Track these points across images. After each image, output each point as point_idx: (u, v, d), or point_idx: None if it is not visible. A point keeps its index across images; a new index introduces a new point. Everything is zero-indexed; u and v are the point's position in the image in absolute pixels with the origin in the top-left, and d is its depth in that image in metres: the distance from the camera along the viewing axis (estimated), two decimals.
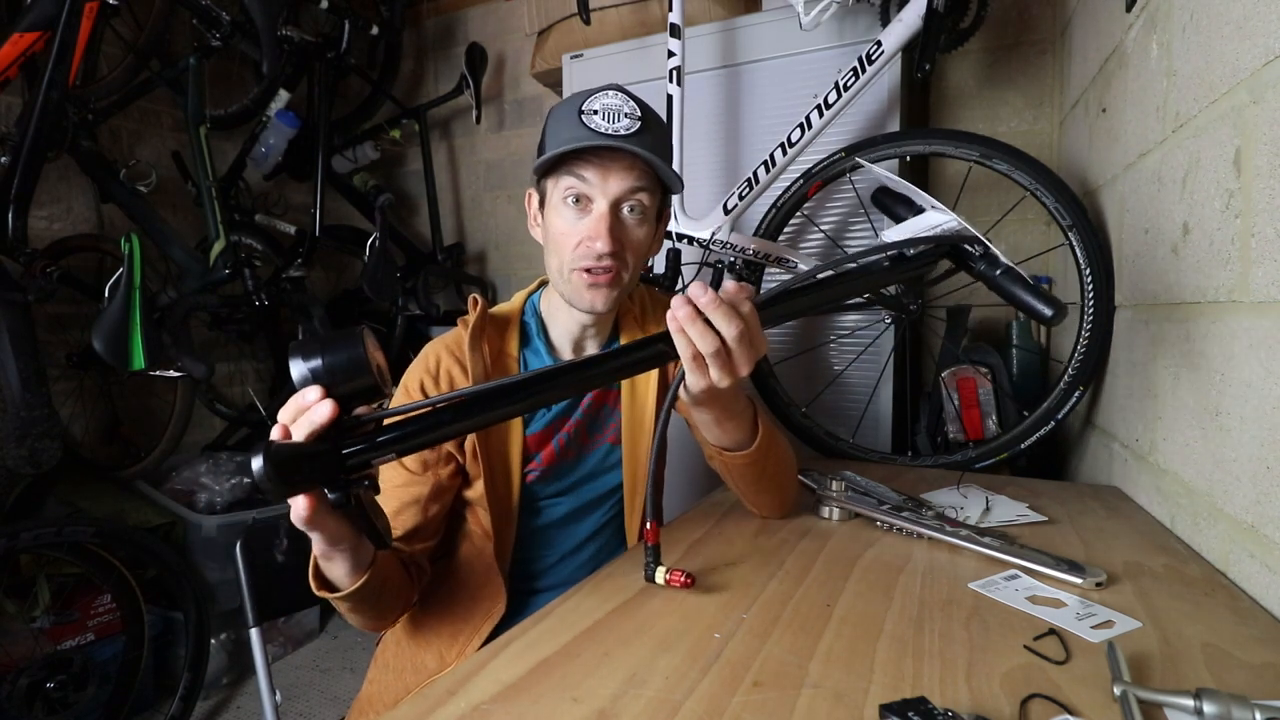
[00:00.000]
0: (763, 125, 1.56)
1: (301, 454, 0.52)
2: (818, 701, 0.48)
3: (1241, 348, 0.69)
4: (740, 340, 0.63)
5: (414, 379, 0.86)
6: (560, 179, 0.80)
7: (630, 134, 0.77)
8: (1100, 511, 0.92)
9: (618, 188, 0.79)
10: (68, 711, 1.53)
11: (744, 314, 0.63)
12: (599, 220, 0.79)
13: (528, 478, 0.89)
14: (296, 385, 0.54)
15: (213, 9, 1.72)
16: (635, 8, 1.72)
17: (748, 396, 0.79)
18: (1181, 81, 0.84)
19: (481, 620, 0.86)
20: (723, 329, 0.63)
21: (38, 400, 1.43)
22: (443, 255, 2.31)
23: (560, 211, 0.81)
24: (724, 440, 0.79)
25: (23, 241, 1.49)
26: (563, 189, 0.80)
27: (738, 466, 0.81)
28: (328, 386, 0.54)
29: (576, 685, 0.51)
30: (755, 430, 0.79)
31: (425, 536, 0.83)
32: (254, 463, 0.48)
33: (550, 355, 0.92)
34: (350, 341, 0.54)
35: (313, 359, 0.54)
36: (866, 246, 0.84)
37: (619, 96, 0.81)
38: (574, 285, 0.83)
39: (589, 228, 0.80)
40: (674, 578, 0.65)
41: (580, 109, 0.78)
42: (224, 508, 1.86)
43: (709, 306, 0.62)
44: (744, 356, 0.64)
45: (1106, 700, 0.47)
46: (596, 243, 0.79)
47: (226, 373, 2.35)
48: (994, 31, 1.60)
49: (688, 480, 1.48)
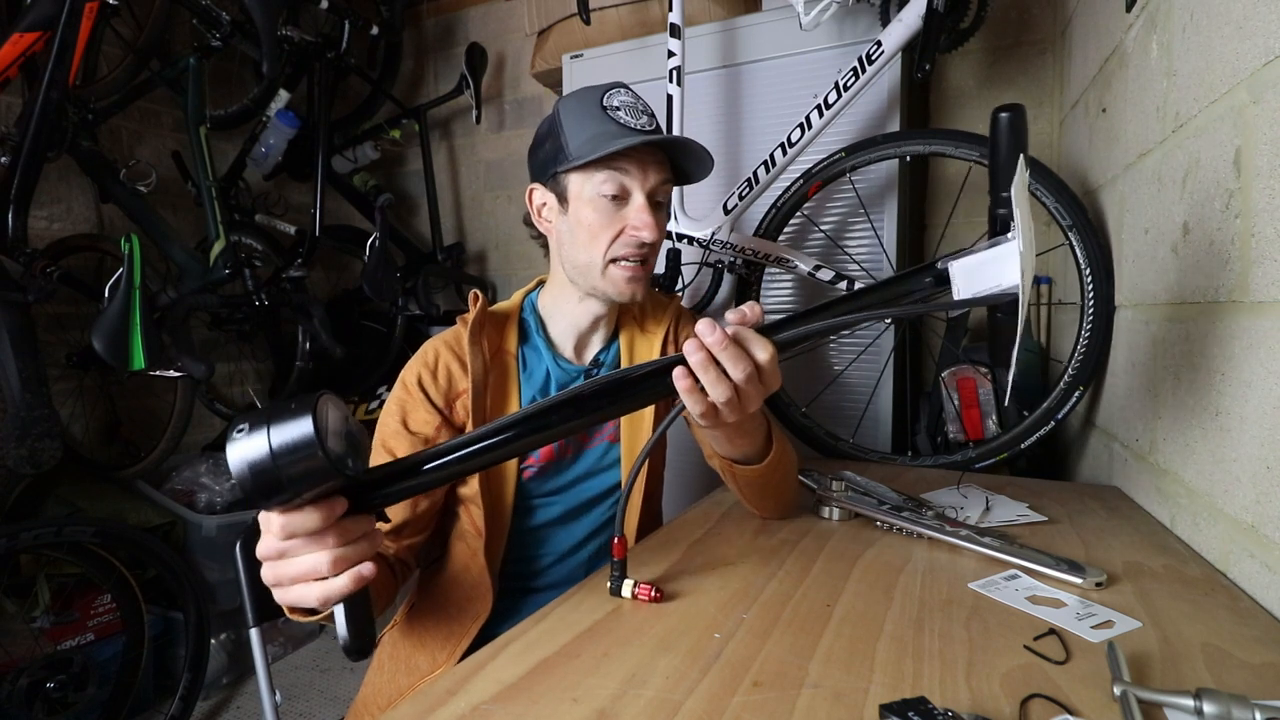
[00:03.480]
0: (763, 125, 1.56)
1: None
2: (818, 701, 0.48)
3: (1241, 348, 0.69)
4: (750, 381, 0.59)
5: (411, 374, 0.86)
6: (594, 174, 0.81)
7: (654, 130, 0.81)
8: (1100, 511, 0.92)
9: (655, 179, 0.82)
10: (68, 711, 1.53)
11: (757, 359, 0.59)
12: (642, 210, 0.81)
13: (524, 474, 0.89)
14: (237, 482, 0.44)
15: (213, 9, 1.71)
16: (635, 8, 1.72)
17: (761, 409, 0.76)
18: (1181, 81, 0.84)
19: (470, 621, 0.86)
20: (731, 371, 0.58)
21: (38, 400, 1.43)
22: (443, 255, 2.31)
23: (596, 205, 0.82)
24: (734, 454, 0.77)
25: (23, 241, 1.49)
26: (598, 183, 0.81)
27: (746, 477, 0.80)
28: (276, 480, 0.45)
29: (576, 685, 0.51)
30: (768, 444, 0.77)
31: (413, 531, 0.82)
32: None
33: (549, 351, 0.92)
34: (300, 413, 0.44)
35: (255, 446, 0.43)
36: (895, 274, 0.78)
37: (630, 94, 0.83)
38: (612, 277, 0.84)
39: (634, 218, 0.81)
40: (642, 591, 0.64)
41: (602, 105, 0.80)
42: (224, 508, 1.86)
43: (717, 346, 0.58)
44: (754, 396, 0.60)
45: (1106, 700, 0.47)
46: (644, 232, 0.81)
47: (226, 373, 2.35)
48: (994, 31, 1.60)
49: (688, 480, 1.48)
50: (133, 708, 1.64)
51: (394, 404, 0.85)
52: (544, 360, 0.92)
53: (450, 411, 0.86)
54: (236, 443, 0.44)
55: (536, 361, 0.92)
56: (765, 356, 0.59)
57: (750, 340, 0.59)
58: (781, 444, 0.79)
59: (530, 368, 0.92)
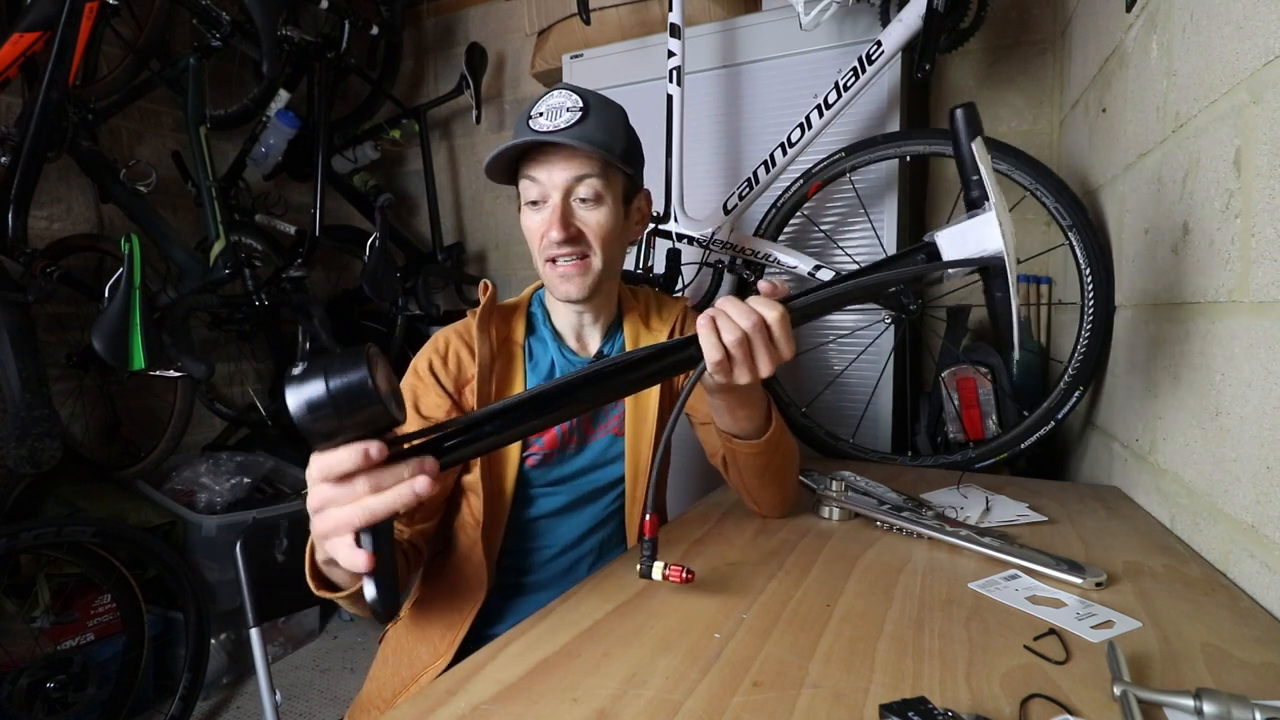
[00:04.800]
0: (763, 125, 1.56)
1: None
2: (818, 701, 0.48)
3: (1241, 348, 0.69)
4: (758, 330, 0.64)
5: (423, 360, 0.90)
6: (520, 184, 0.87)
7: (570, 126, 0.81)
8: (1100, 511, 0.92)
9: (562, 178, 0.83)
10: (68, 711, 1.53)
11: (766, 316, 0.64)
12: (551, 212, 0.85)
13: (528, 461, 0.90)
14: (296, 421, 0.47)
15: (213, 9, 1.71)
16: (635, 8, 1.72)
17: (765, 394, 0.80)
18: (1181, 81, 0.84)
19: (467, 610, 0.87)
20: (741, 321, 0.64)
21: (38, 400, 1.43)
22: (443, 255, 2.31)
23: (525, 212, 0.87)
24: (735, 428, 0.79)
25: (23, 241, 1.49)
26: (523, 190, 0.86)
27: (745, 455, 0.81)
28: (334, 424, 0.47)
29: (576, 685, 0.51)
30: (769, 420, 0.80)
31: (423, 516, 0.84)
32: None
33: (554, 342, 0.95)
34: (355, 363, 0.46)
35: (314, 385, 0.46)
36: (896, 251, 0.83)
37: (563, 93, 0.85)
38: (548, 278, 0.89)
39: (543, 221, 0.85)
40: (673, 573, 0.61)
41: (529, 115, 0.83)
42: (224, 508, 1.86)
43: (727, 303, 0.66)
44: (765, 355, 0.65)
45: (1106, 700, 0.47)
46: (551, 232, 0.84)
47: (226, 373, 2.35)
48: (994, 31, 1.60)
49: (688, 480, 1.48)
50: (133, 708, 1.64)
51: (406, 390, 0.88)
52: (550, 350, 0.95)
53: (460, 397, 0.89)
54: (295, 384, 0.46)
55: (542, 352, 0.95)
56: (774, 315, 0.64)
57: (758, 301, 0.66)
58: (781, 425, 0.83)
59: (536, 357, 0.95)
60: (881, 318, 1.41)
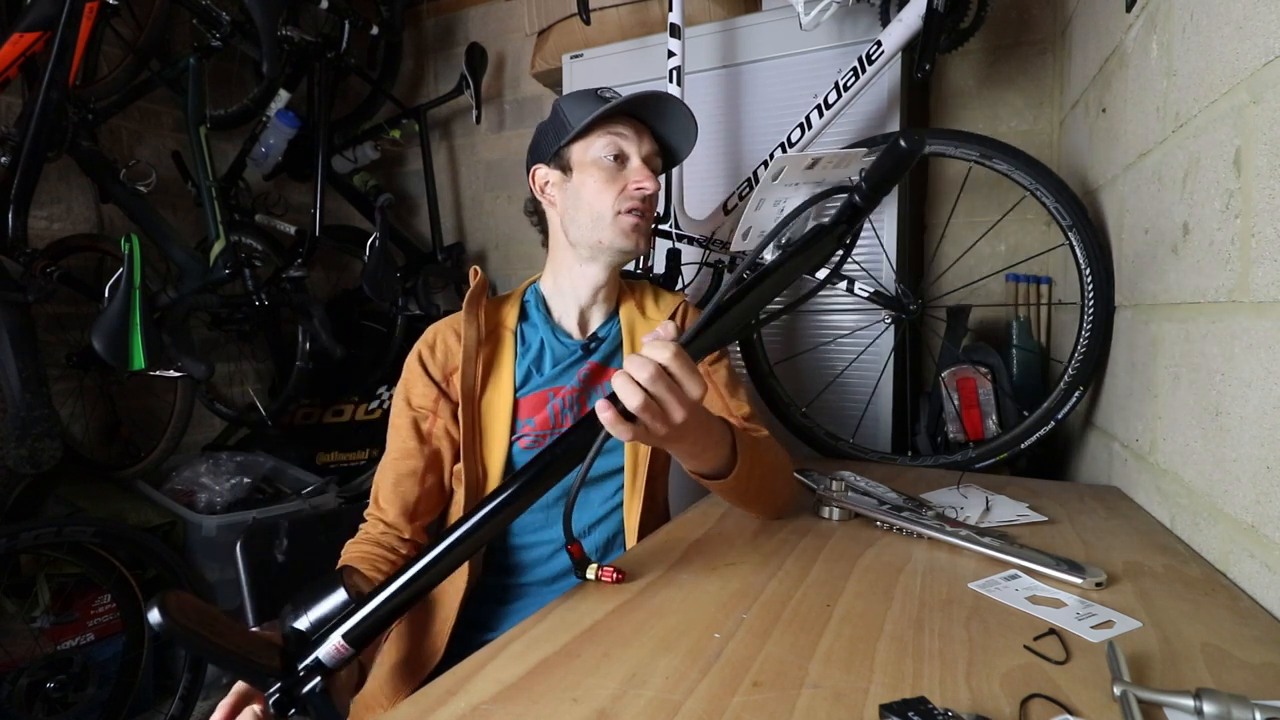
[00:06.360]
0: (763, 125, 1.55)
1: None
2: (818, 701, 0.48)
3: (1241, 348, 0.69)
4: (655, 382, 0.60)
5: (414, 354, 0.93)
6: (594, 141, 0.90)
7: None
8: (1100, 511, 0.92)
9: (649, 147, 0.93)
10: (68, 711, 1.53)
11: (659, 359, 0.61)
12: (642, 166, 0.91)
13: (520, 442, 0.90)
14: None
15: (213, 9, 1.71)
16: (635, 8, 1.72)
17: (723, 422, 0.76)
18: (1181, 81, 0.84)
19: (450, 600, 0.86)
20: (638, 376, 0.60)
21: (38, 400, 1.43)
22: (443, 255, 2.31)
23: (600, 166, 0.90)
24: (700, 469, 0.77)
25: (23, 241, 1.49)
26: (600, 148, 0.90)
27: (720, 491, 0.80)
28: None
29: (576, 685, 0.51)
30: (733, 458, 0.76)
31: (424, 511, 0.87)
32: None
33: (547, 326, 0.96)
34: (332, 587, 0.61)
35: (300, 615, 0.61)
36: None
37: (614, 92, 0.91)
38: (620, 225, 0.91)
39: (635, 172, 0.90)
40: (605, 573, 0.68)
41: (597, 93, 0.89)
42: (224, 508, 1.85)
43: (627, 364, 0.61)
44: (671, 401, 0.61)
45: (1106, 700, 0.47)
46: (646, 183, 0.89)
47: (226, 373, 2.34)
48: (994, 31, 1.59)
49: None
50: (133, 708, 1.64)
51: (400, 384, 0.92)
52: (540, 333, 0.96)
53: (447, 384, 0.91)
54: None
55: (534, 336, 0.96)
56: (665, 356, 0.61)
57: (650, 348, 0.62)
58: (751, 457, 0.78)
59: (528, 341, 0.96)
60: (881, 318, 1.41)
